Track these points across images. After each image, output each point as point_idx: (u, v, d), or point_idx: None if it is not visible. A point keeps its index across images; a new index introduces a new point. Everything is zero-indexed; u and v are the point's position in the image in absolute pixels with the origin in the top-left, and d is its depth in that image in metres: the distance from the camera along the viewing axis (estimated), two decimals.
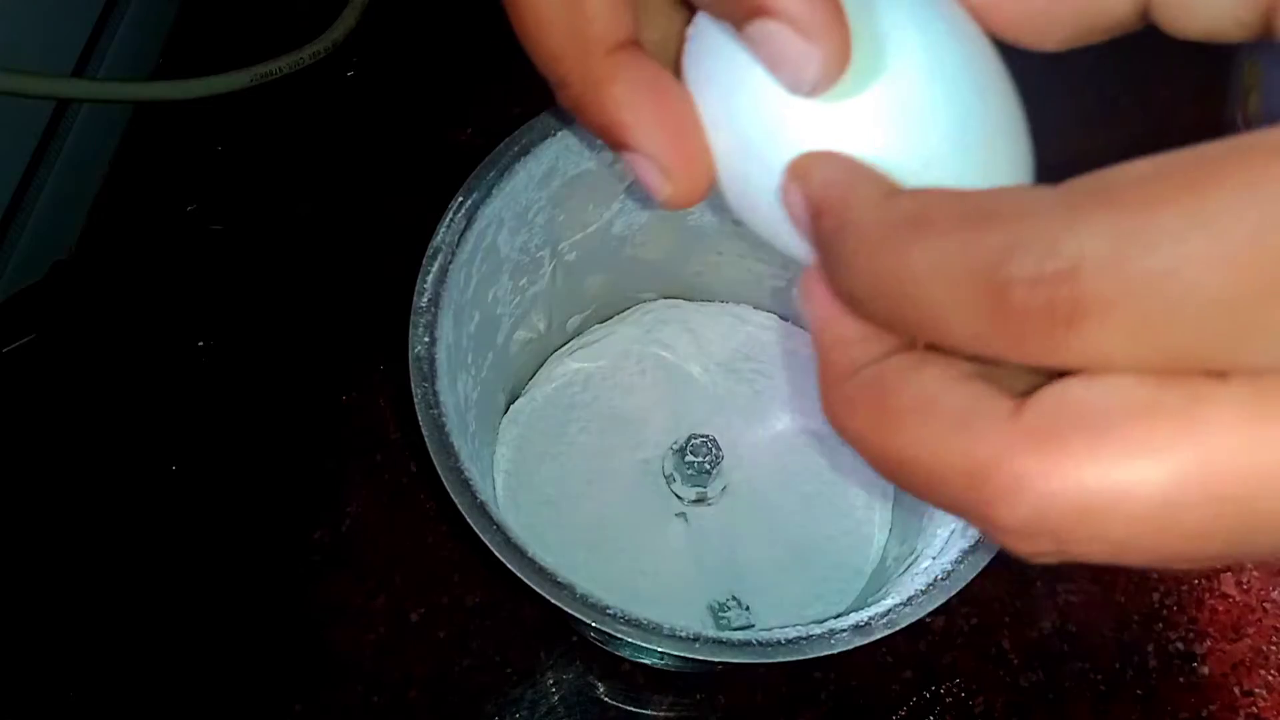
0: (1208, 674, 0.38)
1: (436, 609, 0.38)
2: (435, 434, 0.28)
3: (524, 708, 0.37)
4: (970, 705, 0.38)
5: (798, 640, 0.26)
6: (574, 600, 0.26)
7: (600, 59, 0.18)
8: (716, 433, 0.36)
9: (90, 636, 0.38)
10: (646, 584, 0.36)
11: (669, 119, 0.18)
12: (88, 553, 0.39)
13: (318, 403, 0.42)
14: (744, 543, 0.37)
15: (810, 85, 0.16)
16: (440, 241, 0.30)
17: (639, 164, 0.19)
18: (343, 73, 0.49)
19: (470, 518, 0.26)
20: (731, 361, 0.40)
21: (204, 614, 0.38)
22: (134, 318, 0.43)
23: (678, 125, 0.18)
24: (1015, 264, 0.12)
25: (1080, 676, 0.38)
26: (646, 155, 0.18)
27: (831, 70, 0.16)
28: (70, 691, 0.37)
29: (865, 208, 0.15)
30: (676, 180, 0.19)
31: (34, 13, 0.42)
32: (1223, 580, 0.40)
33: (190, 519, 0.40)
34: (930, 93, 0.17)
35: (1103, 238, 0.12)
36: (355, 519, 0.40)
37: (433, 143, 0.46)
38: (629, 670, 0.37)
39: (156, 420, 0.41)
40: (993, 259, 0.12)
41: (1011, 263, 0.12)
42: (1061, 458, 0.13)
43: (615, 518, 0.37)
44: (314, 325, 0.43)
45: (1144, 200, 0.12)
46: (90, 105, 0.46)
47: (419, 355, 0.29)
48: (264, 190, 0.46)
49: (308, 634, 0.38)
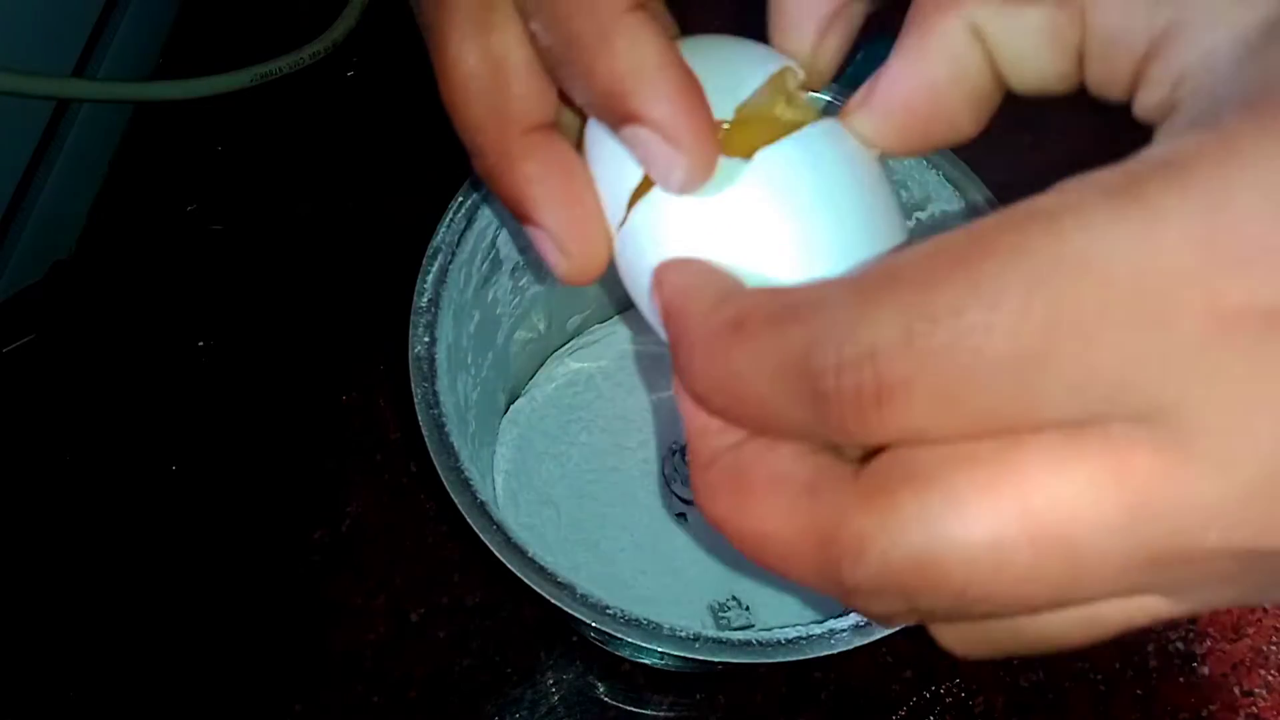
0: (1208, 674, 0.38)
1: (436, 609, 0.38)
2: (435, 434, 0.28)
3: (524, 708, 0.37)
4: (970, 705, 0.38)
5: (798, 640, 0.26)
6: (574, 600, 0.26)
7: (516, 136, 0.20)
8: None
9: (90, 636, 0.38)
10: (646, 584, 0.36)
11: (573, 200, 0.20)
12: (88, 553, 0.39)
13: (318, 403, 0.42)
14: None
15: (678, 186, 0.18)
16: (440, 241, 0.30)
17: (540, 239, 0.20)
18: (343, 73, 0.49)
19: (470, 518, 0.26)
20: None
21: (204, 614, 0.38)
22: (134, 318, 0.43)
23: (580, 207, 0.20)
24: (818, 355, 0.13)
25: (1080, 676, 0.38)
26: (548, 231, 0.20)
27: (697, 174, 0.17)
28: (70, 691, 0.37)
29: (697, 315, 0.16)
30: (572, 258, 0.20)
31: (34, 13, 0.42)
32: None
33: (190, 519, 0.40)
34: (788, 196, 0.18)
35: (891, 320, 0.13)
36: (355, 519, 0.40)
37: (433, 143, 0.46)
38: (629, 670, 0.37)
39: (156, 420, 0.41)
40: (799, 353, 0.14)
41: (815, 355, 0.13)
42: (894, 513, 0.13)
43: (615, 518, 0.37)
44: (314, 325, 0.43)
45: (924, 280, 0.13)
46: (90, 105, 0.46)
47: (419, 355, 0.29)
48: (264, 190, 0.46)
49: (308, 634, 0.38)
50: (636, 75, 0.17)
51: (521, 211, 0.20)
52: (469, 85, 0.19)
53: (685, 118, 0.17)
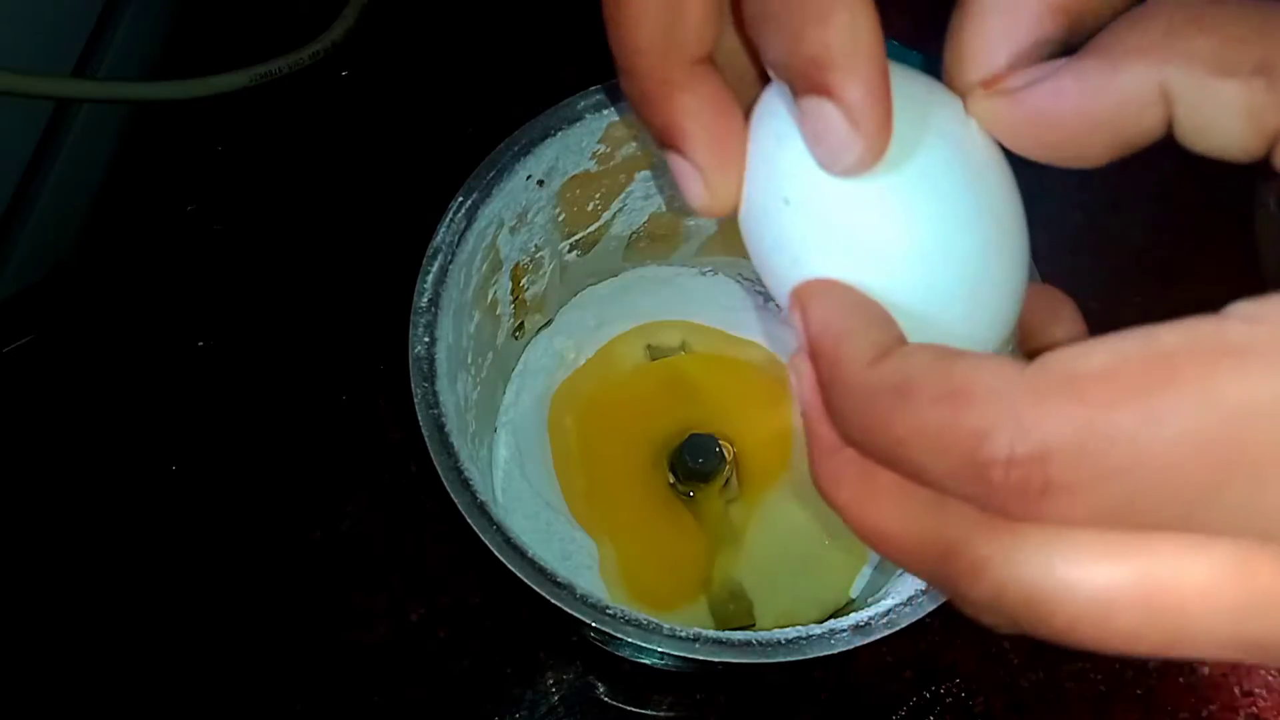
0: (1208, 674, 0.38)
1: (436, 609, 0.38)
2: (435, 434, 0.28)
3: (524, 708, 0.37)
4: (970, 705, 0.38)
5: (798, 640, 0.26)
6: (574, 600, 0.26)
7: (682, 65, 0.19)
8: (718, 432, 0.36)
9: (90, 636, 0.38)
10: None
11: (722, 138, 0.20)
12: (88, 553, 0.39)
13: (318, 403, 0.42)
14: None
15: (842, 168, 0.18)
16: (440, 241, 0.30)
17: (683, 168, 0.20)
18: (342, 73, 0.49)
19: (470, 518, 0.26)
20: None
21: (204, 614, 0.38)
22: (134, 318, 0.43)
23: (728, 146, 0.20)
24: (989, 448, 0.14)
25: (1080, 676, 0.38)
26: (695, 164, 0.20)
27: (865, 160, 0.17)
28: (70, 691, 0.37)
29: (853, 367, 0.16)
30: (715, 193, 0.20)
31: (34, 13, 0.42)
32: None
33: (190, 519, 0.40)
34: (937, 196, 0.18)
35: (1067, 429, 0.13)
36: (355, 519, 0.40)
37: (432, 143, 0.46)
38: (629, 670, 0.37)
39: (156, 420, 0.41)
40: (969, 439, 0.14)
41: (986, 447, 0.14)
42: (1017, 547, 0.14)
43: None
44: (313, 325, 0.43)
45: (1104, 398, 0.13)
46: (90, 105, 0.46)
47: (419, 355, 0.29)
48: (264, 190, 0.46)
49: (308, 634, 0.38)
50: (846, 52, 0.17)
51: (671, 140, 0.20)
52: (645, 5, 0.19)
53: (876, 105, 0.17)
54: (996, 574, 0.14)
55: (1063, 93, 0.17)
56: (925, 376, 0.15)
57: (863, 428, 0.16)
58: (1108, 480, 0.13)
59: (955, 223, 0.18)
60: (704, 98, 0.20)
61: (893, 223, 0.18)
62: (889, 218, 0.18)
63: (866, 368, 0.16)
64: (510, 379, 0.39)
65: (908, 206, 0.18)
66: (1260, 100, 0.16)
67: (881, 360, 0.16)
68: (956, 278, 0.18)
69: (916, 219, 0.18)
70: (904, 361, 0.16)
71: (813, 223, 0.19)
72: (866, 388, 0.16)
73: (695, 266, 0.41)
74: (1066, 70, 0.17)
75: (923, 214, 0.18)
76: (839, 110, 0.17)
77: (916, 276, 0.18)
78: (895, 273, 0.18)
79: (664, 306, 0.40)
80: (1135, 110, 0.17)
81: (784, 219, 0.19)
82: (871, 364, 0.16)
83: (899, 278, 0.18)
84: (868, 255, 0.18)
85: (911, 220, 0.18)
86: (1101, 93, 0.17)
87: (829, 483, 0.17)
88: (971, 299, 0.19)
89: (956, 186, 0.18)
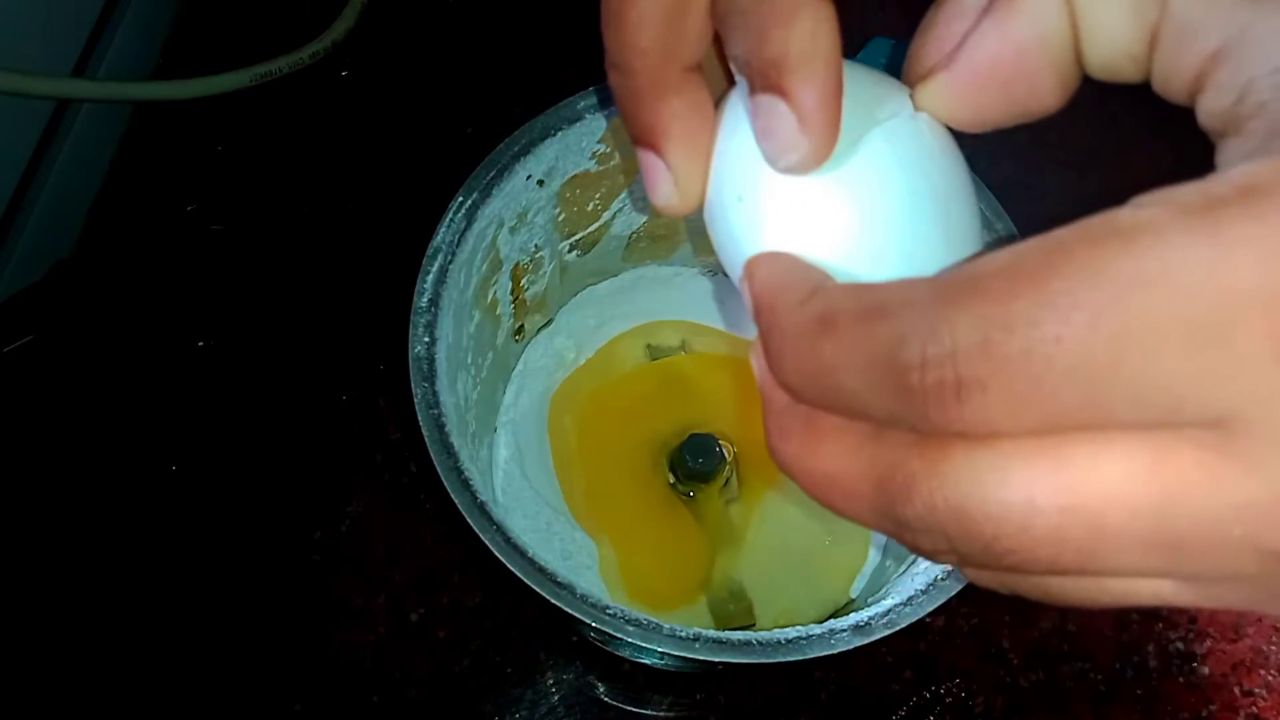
0: (1208, 674, 0.38)
1: (436, 609, 0.38)
2: (435, 434, 0.28)
3: (524, 708, 0.37)
4: (970, 705, 0.38)
5: (798, 640, 0.26)
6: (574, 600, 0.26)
7: (676, 71, 0.20)
8: (718, 432, 0.36)
9: (90, 636, 0.38)
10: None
11: (699, 143, 0.21)
12: (88, 553, 0.39)
13: (318, 403, 0.42)
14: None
15: (785, 165, 0.19)
16: (440, 241, 0.30)
17: (655, 168, 0.21)
18: (342, 73, 0.49)
19: (470, 518, 0.26)
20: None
21: (204, 614, 0.38)
22: (134, 318, 0.43)
23: (703, 150, 0.21)
24: (905, 352, 0.14)
25: (1080, 676, 0.38)
26: (670, 164, 0.21)
27: (809, 161, 0.18)
28: (71, 691, 0.37)
29: (786, 310, 0.17)
30: (683, 194, 0.21)
31: (34, 13, 0.42)
32: None
33: (190, 519, 0.40)
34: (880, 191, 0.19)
35: (972, 325, 0.14)
36: (355, 519, 0.40)
37: (432, 143, 0.46)
38: (629, 670, 0.37)
39: (156, 420, 0.41)
40: (887, 349, 0.15)
41: (902, 351, 0.14)
42: (943, 461, 0.15)
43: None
44: (314, 325, 0.43)
45: (1003, 290, 0.13)
46: (90, 105, 0.46)
47: (419, 355, 0.29)
48: (264, 190, 0.46)
49: (308, 634, 0.38)
50: (805, 56, 0.18)
51: (652, 140, 0.21)
52: (653, 9, 0.20)
53: (825, 109, 0.18)
54: (926, 490, 0.15)
55: (985, 39, 0.18)
56: (845, 303, 0.16)
57: (794, 366, 0.16)
58: (1011, 370, 0.13)
59: (899, 218, 0.19)
60: (690, 104, 0.21)
61: (836, 219, 0.19)
62: (833, 214, 0.19)
63: (797, 305, 0.17)
64: (510, 379, 0.39)
65: (851, 203, 0.19)
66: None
67: (811, 298, 0.17)
68: (901, 272, 0.19)
69: (860, 215, 0.19)
70: (829, 295, 0.16)
71: (762, 219, 0.20)
72: (795, 325, 0.16)
73: (695, 266, 0.41)
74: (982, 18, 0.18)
75: (866, 210, 0.19)
76: (791, 111, 0.18)
77: (861, 271, 0.19)
78: (840, 267, 0.19)
79: (664, 306, 0.40)
80: (1051, 26, 0.17)
81: (738, 214, 0.20)
82: (801, 303, 0.17)
83: (843, 273, 0.19)
84: (813, 250, 0.19)
85: (854, 216, 0.19)
86: (1015, 19, 0.18)
87: (779, 439, 0.17)
88: None
89: (901, 183, 0.19)
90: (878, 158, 0.19)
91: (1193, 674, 0.38)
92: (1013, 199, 0.31)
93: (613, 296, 0.41)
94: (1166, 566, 0.14)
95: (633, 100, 0.21)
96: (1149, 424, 0.13)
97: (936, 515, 0.15)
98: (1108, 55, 0.17)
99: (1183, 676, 0.38)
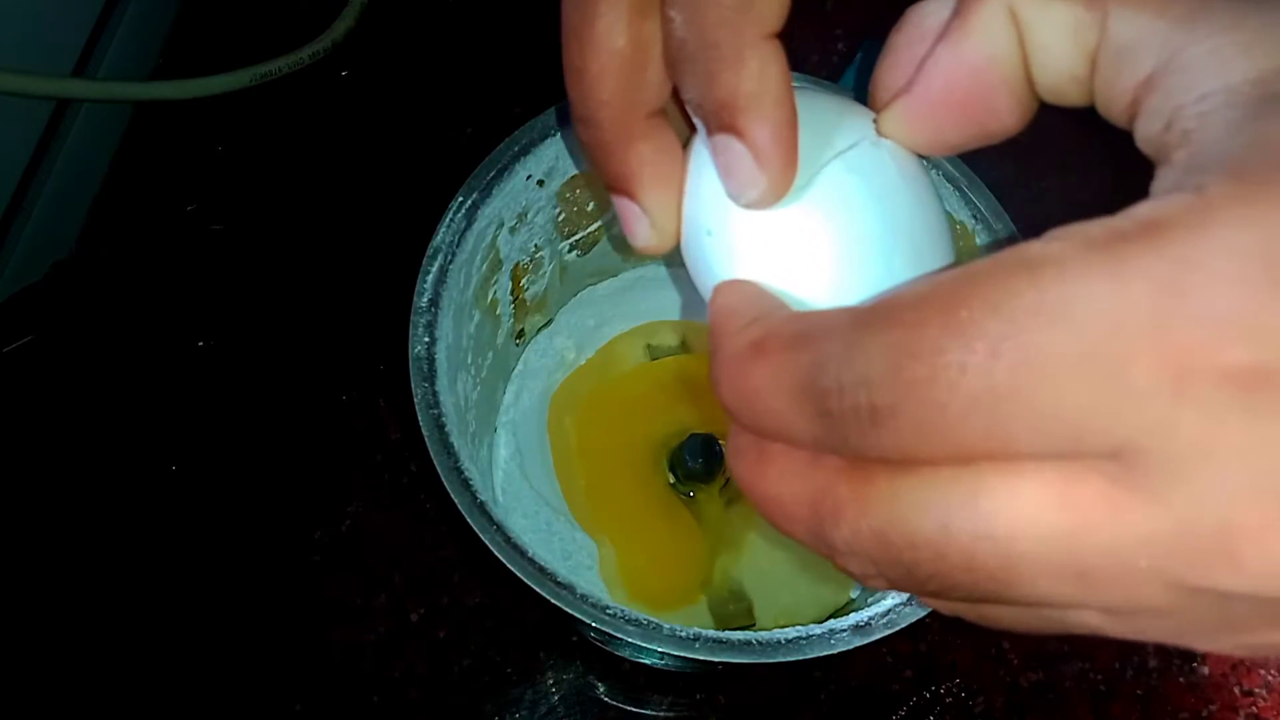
0: (1208, 674, 0.39)
1: (436, 609, 0.38)
2: (435, 434, 0.28)
3: (524, 708, 0.37)
4: (970, 705, 0.38)
5: (798, 640, 0.26)
6: (574, 600, 0.26)
7: (640, 118, 0.21)
8: (718, 432, 0.36)
9: (90, 636, 0.38)
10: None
11: (671, 184, 0.21)
12: (88, 553, 0.39)
13: (318, 403, 0.42)
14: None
15: (747, 201, 0.19)
16: (440, 241, 0.30)
17: (630, 212, 0.22)
18: (342, 73, 0.49)
19: (470, 518, 0.26)
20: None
21: (204, 614, 0.38)
22: (134, 318, 0.43)
23: (674, 191, 0.22)
24: (822, 378, 0.15)
25: (1080, 676, 0.38)
26: (644, 207, 0.21)
27: (768, 196, 0.19)
28: (72, 690, 0.37)
29: (727, 335, 0.17)
30: (660, 233, 0.22)
31: (34, 13, 0.42)
32: None
33: (190, 519, 0.40)
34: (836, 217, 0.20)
35: (881, 352, 0.14)
36: (355, 519, 0.40)
37: (432, 143, 0.46)
38: (629, 670, 0.37)
39: (156, 420, 0.41)
40: (807, 375, 0.15)
41: (820, 378, 0.15)
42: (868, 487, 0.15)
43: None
44: (314, 325, 0.43)
45: (914, 319, 0.14)
46: (90, 105, 0.46)
47: (419, 355, 0.29)
48: (264, 190, 0.46)
49: (308, 634, 0.38)
50: (754, 96, 0.18)
51: (624, 186, 0.21)
52: (611, 62, 0.20)
53: (780, 145, 0.19)
54: (852, 514, 0.15)
55: (939, 63, 0.18)
56: (780, 329, 0.16)
57: (729, 389, 0.17)
58: (920, 395, 0.13)
59: (861, 245, 0.19)
60: (657, 148, 0.21)
61: (798, 249, 0.19)
62: (795, 245, 0.19)
63: (737, 331, 0.17)
64: (510, 379, 0.39)
65: (811, 234, 0.19)
66: (1081, 15, 0.17)
67: (752, 324, 0.17)
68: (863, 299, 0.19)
69: (821, 245, 0.19)
70: (765, 321, 0.17)
71: (730, 251, 0.20)
72: (732, 349, 0.17)
73: None
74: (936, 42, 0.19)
75: (827, 240, 0.19)
76: (747, 149, 0.19)
77: (822, 299, 0.19)
78: (801, 296, 0.19)
79: (664, 306, 0.40)
80: (1001, 47, 0.18)
81: (708, 249, 0.21)
82: (742, 329, 0.17)
83: (804, 302, 0.19)
84: (777, 280, 0.19)
85: (815, 246, 0.19)
86: (968, 41, 0.18)
87: (733, 457, 0.18)
88: None
89: (862, 211, 0.20)
90: (839, 187, 0.20)
91: (1193, 674, 0.38)
92: (1013, 199, 0.31)
93: (613, 296, 0.41)
94: (1081, 597, 0.14)
95: (601, 150, 0.21)
96: (1055, 454, 0.13)
97: (861, 540, 0.15)
98: (1054, 78, 0.18)
99: (1183, 676, 0.38)
